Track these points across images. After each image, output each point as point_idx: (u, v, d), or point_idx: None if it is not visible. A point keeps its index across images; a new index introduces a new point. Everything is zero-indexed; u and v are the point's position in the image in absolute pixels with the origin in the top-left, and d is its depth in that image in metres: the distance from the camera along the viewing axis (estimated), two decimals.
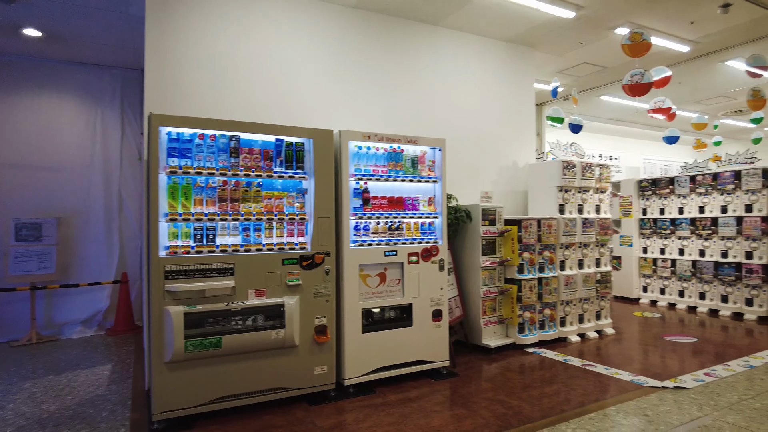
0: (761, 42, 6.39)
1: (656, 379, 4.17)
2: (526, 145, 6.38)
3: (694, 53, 6.89)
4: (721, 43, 6.61)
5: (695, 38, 6.36)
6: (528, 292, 5.20)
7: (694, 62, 7.24)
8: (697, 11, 5.54)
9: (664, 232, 7.75)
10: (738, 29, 6.11)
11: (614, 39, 6.24)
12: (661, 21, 5.82)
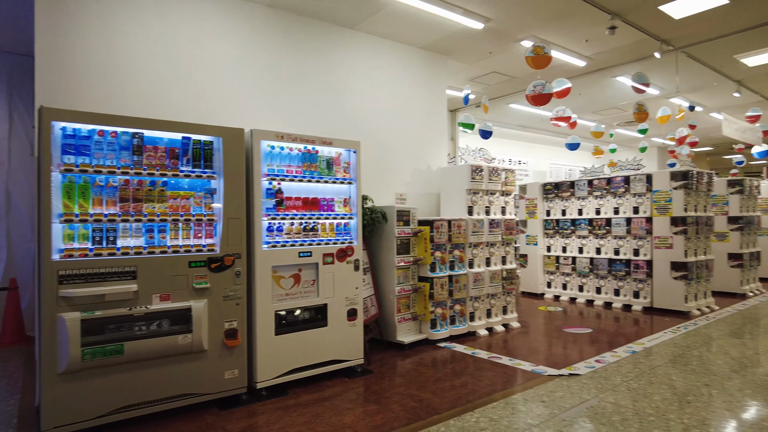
0: (644, 62, 7.13)
1: (554, 367, 4.51)
2: (439, 149, 6.64)
3: (589, 68, 7.53)
4: (611, 61, 7.29)
5: (590, 54, 6.96)
6: (440, 289, 5.42)
7: (589, 76, 7.92)
8: (590, 30, 6.07)
9: (566, 232, 8.38)
10: (624, 49, 6.77)
11: (520, 51, 6.68)
12: (561, 37, 6.32)
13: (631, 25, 5.91)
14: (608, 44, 6.56)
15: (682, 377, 4.17)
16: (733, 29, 6.22)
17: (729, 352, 4.94)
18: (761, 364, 4.54)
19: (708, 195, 7.43)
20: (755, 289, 8.75)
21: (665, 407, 3.51)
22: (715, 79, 8.32)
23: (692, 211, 7.00)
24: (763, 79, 8.49)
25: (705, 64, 7.55)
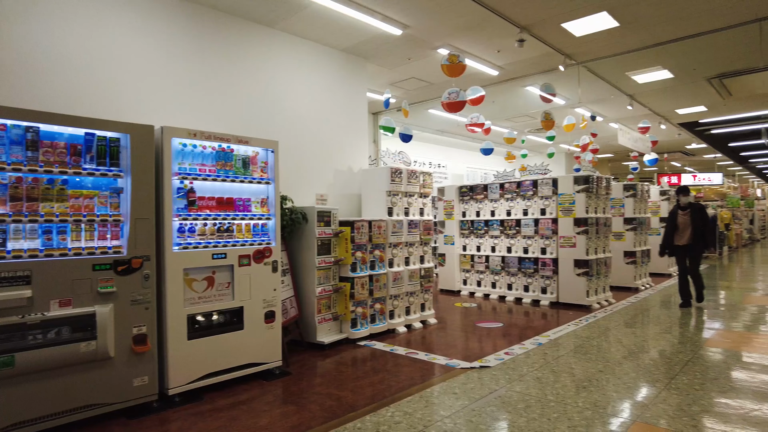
0: (551, 73, 7.68)
1: (467, 361, 4.74)
2: (360, 151, 6.74)
3: (501, 77, 7.98)
4: (521, 71, 7.78)
5: (502, 64, 7.39)
6: (360, 288, 5.50)
7: (502, 85, 8.39)
8: (502, 42, 6.45)
9: (480, 232, 8.81)
10: (533, 61, 7.26)
11: (438, 58, 6.94)
12: (475, 46, 6.65)
13: (538, 39, 6.36)
14: (518, 56, 7.00)
15: (581, 365, 4.55)
16: (624, 49, 6.88)
17: (622, 340, 5.45)
18: (648, 350, 5.06)
19: (607, 198, 8.13)
20: (646, 284, 9.69)
21: (564, 393, 3.82)
22: (612, 92, 9.14)
23: (593, 212, 7.63)
24: (650, 94, 9.45)
25: (603, 78, 8.27)
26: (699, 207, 7.15)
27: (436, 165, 13.16)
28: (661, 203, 11.64)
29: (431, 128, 12.05)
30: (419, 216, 6.46)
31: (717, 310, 7.18)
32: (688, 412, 3.42)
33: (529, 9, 5.50)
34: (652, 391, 3.83)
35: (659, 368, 4.40)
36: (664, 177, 18.20)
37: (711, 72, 8.09)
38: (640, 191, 10.00)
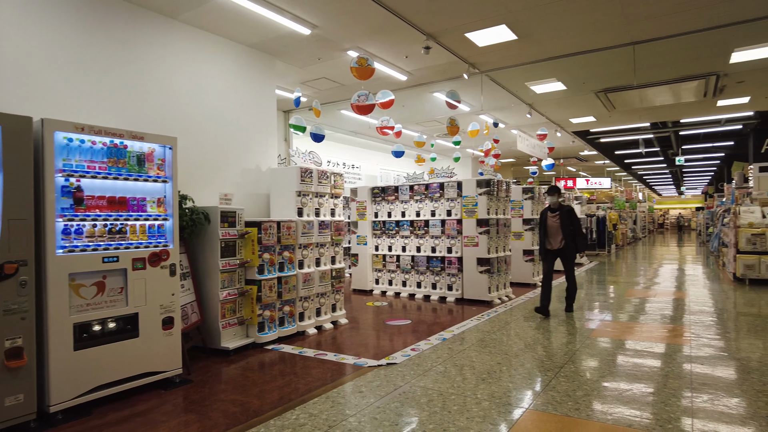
0: (456, 81, 8.01)
1: (374, 359, 4.81)
2: (269, 150, 6.59)
3: (410, 82, 8.20)
4: (429, 77, 8.05)
5: (410, 70, 7.59)
6: (268, 291, 5.38)
7: (411, 90, 8.62)
8: (409, 48, 6.63)
9: (391, 232, 8.98)
10: (439, 68, 7.54)
11: (347, 60, 6.97)
12: (383, 51, 6.77)
13: (443, 47, 6.61)
14: (425, 62, 7.23)
15: (482, 358, 4.79)
16: (522, 61, 7.37)
17: (520, 334, 5.81)
18: (543, 342, 5.44)
19: (507, 200, 8.65)
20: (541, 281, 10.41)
21: (465, 386, 4.00)
22: (513, 101, 9.73)
23: (494, 214, 8.07)
24: (547, 104, 10.19)
25: (504, 87, 8.79)
26: (568, 209, 6.79)
27: (350, 166, 13.21)
28: None
29: (344, 129, 12.08)
30: (330, 217, 6.45)
31: (605, 302, 7.90)
32: (573, 396, 3.73)
33: (435, 17, 5.70)
34: (544, 380, 4.13)
35: (551, 358, 4.76)
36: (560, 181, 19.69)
37: (598, 86, 8.90)
38: (538, 194, 10.75)
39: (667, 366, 4.45)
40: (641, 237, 28.92)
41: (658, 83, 8.54)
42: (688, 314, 6.74)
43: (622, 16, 5.79)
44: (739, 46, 6.87)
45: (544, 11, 5.61)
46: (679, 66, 7.74)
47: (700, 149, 18.79)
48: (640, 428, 3.15)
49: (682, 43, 6.68)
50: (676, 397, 3.67)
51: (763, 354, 4.77)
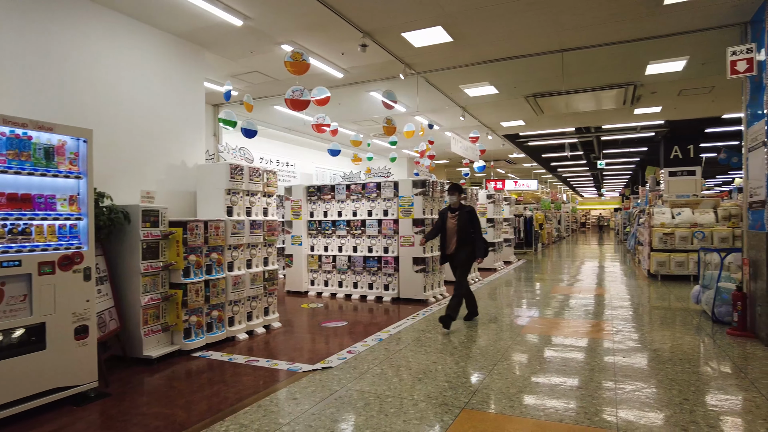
0: (393, 81, 8.00)
1: (309, 363, 4.67)
2: (196, 145, 6.24)
3: (346, 80, 8.09)
4: (365, 76, 7.98)
5: (347, 67, 7.49)
6: (194, 295, 5.08)
7: (348, 87, 8.51)
8: (346, 45, 6.52)
9: (327, 232, 8.83)
10: (376, 67, 7.49)
11: (281, 54, 6.75)
12: (319, 46, 6.62)
13: (380, 46, 6.57)
14: (362, 60, 7.15)
15: (417, 358, 4.78)
16: (456, 63, 7.48)
17: (454, 332, 5.87)
18: (477, 339, 5.53)
19: (441, 200, 8.76)
20: (476, 278, 10.67)
21: (401, 387, 3.96)
22: (447, 103, 9.88)
23: (429, 213, 8.14)
24: (479, 107, 10.44)
25: (439, 89, 8.89)
26: (469, 209, 6.18)
27: (284, 163, 12.89)
28: (488, 205, 12.96)
29: (278, 125, 11.75)
30: (263, 216, 6.21)
31: (533, 299, 8.20)
32: (507, 394, 3.79)
33: (372, 15, 5.64)
34: (478, 378, 4.18)
35: (485, 356, 4.83)
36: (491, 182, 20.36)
37: (527, 91, 9.22)
38: (470, 195, 11.01)
39: (593, 360, 4.65)
40: (565, 236, 30.55)
41: (583, 90, 9.00)
42: (608, 309, 7.13)
43: (552, 25, 6.01)
44: (654, 59, 7.36)
45: (479, 15, 5.70)
46: (602, 75, 8.18)
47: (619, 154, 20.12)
48: (570, 422, 3.25)
49: (605, 53, 7.06)
50: (602, 390, 3.83)
51: (673, 345, 5.12)
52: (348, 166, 15.37)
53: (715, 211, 10.13)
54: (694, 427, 3.13)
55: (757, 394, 3.72)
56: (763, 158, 5.19)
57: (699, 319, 6.33)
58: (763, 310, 5.16)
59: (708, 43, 6.63)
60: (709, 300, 6.34)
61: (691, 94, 9.40)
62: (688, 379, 4.04)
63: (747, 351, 4.88)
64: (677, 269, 9.93)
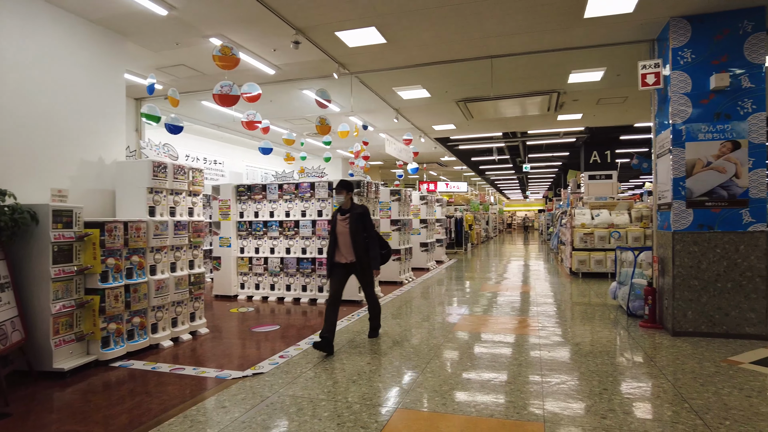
0: (327, 80, 7.91)
1: (239, 370, 4.49)
2: (115, 140, 5.82)
3: (278, 77, 7.90)
4: (298, 73, 7.83)
5: (279, 64, 7.30)
6: (113, 301, 4.74)
7: (279, 85, 8.31)
8: (278, 41, 6.36)
9: (258, 233, 8.58)
10: (309, 65, 7.37)
11: (209, 48, 6.47)
12: (250, 41, 6.41)
13: (313, 44, 6.46)
14: (295, 58, 7.01)
15: (351, 360, 4.74)
16: (389, 65, 7.52)
17: (388, 332, 5.89)
18: (410, 338, 5.57)
19: (376, 201, 8.78)
20: (409, 278, 10.81)
21: (335, 390, 3.90)
22: (381, 105, 9.92)
23: None
24: (413, 110, 10.58)
25: (373, 90, 8.91)
26: (361, 211, 5.35)
27: (211, 161, 12.38)
28: (421, 207, 13.18)
29: (206, 122, 11.27)
30: (188, 216, 5.91)
31: (463, 297, 8.41)
32: (440, 391, 3.84)
33: (305, 12, 5.53)
34: (412, 377, 4.21)
35: (418, 355, 4.88)
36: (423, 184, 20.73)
37: (458, 96, 9.46)
38: (404, 196, 11.14)
39: (520, 355, 4.83)
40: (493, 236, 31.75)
41: (510, 96, 9.36)
42: (534, 306, 7.46)
43: (479, 31, 6.19)
44: (576, 68, 7.80)
45: (410, 18, 5.76)
46: (528, 82, 8.55)
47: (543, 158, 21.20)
48: (500, 417, 3.34)
49: (531, 61, 7.38)
50: (529, 384, 3.98)
51: (593, 338, 5.44)
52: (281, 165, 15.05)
53: (630, 213, 10.91)
54: (611, 415, 3.33)
55: (664, 380, 4.02)
56: (668, 164, 5.64)
57: (616, 314, 6.78)
58: (669, 303, 5.61)
59: (623, 56, 7.11)
60: (624, 295, 6.80)
61: (608, 103, 10.06)
62: (607, 370, 4.30)
63: (656, 341, 5.28)
64: (596, 267, 10.59)
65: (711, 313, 5.41)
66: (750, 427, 3.12)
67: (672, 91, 5.61)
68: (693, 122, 5.51)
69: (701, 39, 5.53)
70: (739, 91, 5.40)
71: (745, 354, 4.76)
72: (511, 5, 5.43)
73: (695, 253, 5.46)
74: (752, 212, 5.33)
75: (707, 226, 5.44)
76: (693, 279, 5.46)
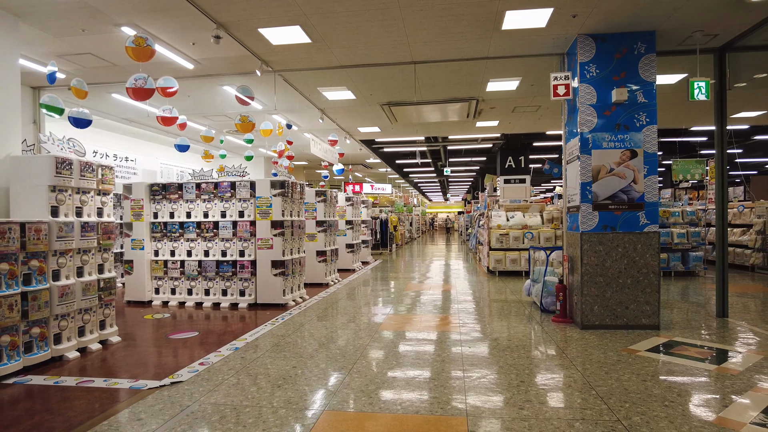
0: (249, 76, 7.68)
1: (156, 379, 4.23)
2: (9, 133, 5.27)
3: (198, 71, 7.56)
4: (219, 69, 7.54)
5: (198, 58, 6.99)
6: (7, 311, 4.28)
7: (199, 80, 7.96)
8: (198, 35, 6.09)
9: (174, 235, 8.14)
10: (231, 60, 7.12)
11: (122, 37, 6.06)
12: (167, 33, 6.07)
13: (235, 39, 6.25)
14: (216, 52, 6.74)
15: (276, 364, 4.64)
16: (314, 65, 7.45)
17: (314, 334, 5.83)
18: (336, 340, 5.55)
19: (301, 202, 8.66)
20: (335, 279, 10.77)
21: (260, 395, 3.80)
22: (306, 104, 9.80)
23: (288, 215, 7.99)
24: (338, 111, 10.56)
25: (297, 89, 8.78)
26: None
27: (122, 158, 11.58)
28: (347, 208, 13.18)
29: (117, 115, 10.51)
30: (97, 217, 5.48)
31: (388, 297, 8.52)
32: (366, 391, 3.87)
33: (227, 6, 5.34)
34: (338, 379, 4.19)
35: (344, 356, 4.88)
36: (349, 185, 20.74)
37: (383, 99, 9.57)
38: (330, 197, 11.08)
39: (443, 352, 4.98)
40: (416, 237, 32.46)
41: (432, 102, 9.63)
42: (455, 304, 7.72)
43: (403, 37, 6.31)
44: (493, 77, 8.18)
45: (336, 20, 5.75)
46: (449, 88, 8.84)
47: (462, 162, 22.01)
48: (425, 413, 3.42)
49: (452, 68, 7.64)
50: (452, 379, 4.12)
51: (510, 333, 5.73)
52: (196, 163, 14.41)
53: (542, 215, 11.62)
54: (528, 405, 3.53)
55: (574, 370, 4.33)
56: (577, 170, 6.08)
57: (530, 310, 7.19)
58: (578, 299, 6.04)
59: (536, 67, 7.57)
60: (537, 292, 7.23)
61: (523, 111, 10.65)
62: (523, 363, 4.55)
63: (567, 334, 5.67)
64: (512, 266, 11.16)
65: (614, 307, 5.90)
66: (645, 408, 3.45)
67: (580, 102, 6.05)
68: (598, 131, 5.99)
69: (604, 56, 6.03)
70: (636, 105, 5.95)
71: (641, 343, 5.24)
72: (434, 13, 5.59)
73: (600, 252, 5.93)
74: (647, 215, 5.88)
75: (611, 227, 5.92)
76: (599, 276, 5.92)
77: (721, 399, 3.63)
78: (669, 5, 5.36)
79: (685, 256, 10.81)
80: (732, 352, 4.85)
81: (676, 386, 3.89)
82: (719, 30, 6.05)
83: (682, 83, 8.30)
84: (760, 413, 3.35)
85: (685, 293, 8.65)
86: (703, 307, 7.22)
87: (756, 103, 10.07)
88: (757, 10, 5.49)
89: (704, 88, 6.12)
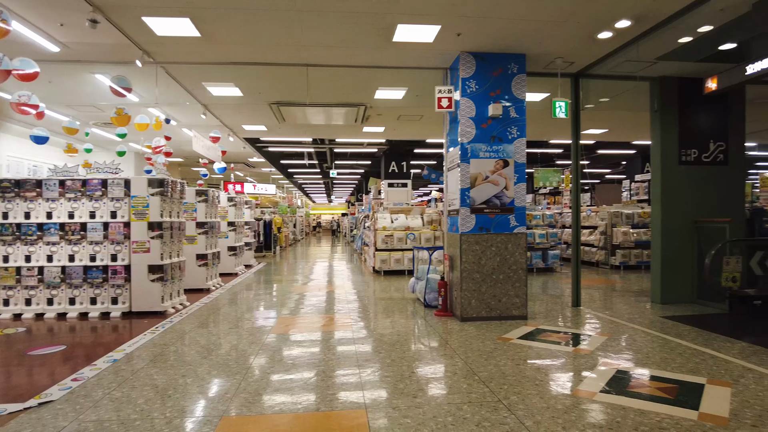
0: (127, 66, 7.08)
1: (18, 401, 3.77)
2: None
3: (65, 56, 6.80)
4: (92, 55, 6.86)
5: (66, 42, 6.30)
6: None
7: (65, 65, 7.16)
8: (68, 16, 5.50)
9: (31, 238, 7.22)
10: (107, 47, 6.53)
11: None
12: (29, 10, 5.41)
13: (114, 26, 5.76)
14: (89, 37, 6.13)
15: (163, 374, 4.39)
16: (202, 60, 7.13)
17: (199, 341, 5.59)
18: (222, 345, 5.38)
19: (181, 202, 8.19)
20: (217, 284, 10.32)
21: (149, 407, 3.59)
22: (188, 99, 9.28)
23: (168, 216, 7.52)
24: (222, 107, 10.16)
25: (180, 83, 8.30)
26: None
27: None
28: (229, 209, 12.70)
29: None
30: None
31: (276, 300, 8.41)
32: (264, 394, 3.85)
33: None
34: (233, 384, 4.11)
35: (237, 361, 4.77)
36: (230, 185, 19.93)
37: (272, 98, 9.42)
38: (211, 197, 10.61)
39: (336, 350, 5.11)
40: (300, 239, 32.15)
41: (322, 105, 9.72)
42: (344, 303, 7.89)
43: (297, 38, 6.33)
44: (382, 85, 8.52)
45: (231, 17, 5.59)
46: (340, 93, 9.00)
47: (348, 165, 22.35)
48: (326, 409, 3.52)
49: (344, 73, 7.81)
50: (348, 375, 4.26)
51: (397, 329, 6.05)
52: (55, 157, 12.87)
53: (422, 217, 12.30)
54: (421, 393, 3.80)
55: (458, 359, 4.73)
56: (457, 177, 6.61)
57: (414, 306, 7.62)
58: (458, 294, 6.56)
59: (422, 79, 8.05)
60: (421, 289, 7.69)
61: (407, 119, 11.20)
62: (412, 356, 4.85)
63: (449, 327, 6.14)
64: (396, 265, 11.66)
65: (489, 300, 6.52)
66: (520, 388, 3.92)
67: (461, 115, 6.59)
68: (476, 142, 6.57)
69: (483, 73, 6.64)
70: (509, 120, 6.64)
71: (513, 332, 5.87)
72: (331, 19, 5.70)
73: (477, 251, 6.50)
74: (517, 217, 6.59)
75: (486, 228, 6.53)
76: (476, 273, 6.49)
77: (577, 375, 4.24)
78: (537, 34, 6.09)
79: (545, 254, 12.21)
80: (584, 336, 5.65)
81: (543, 367, 4.46)
82: (575, 58, 7.00)
83: (546, 102, 9.40)
84: (605, 384, 3.99)
85: (545, 287, 9.78)
86: (560, 299, 8.26)
87: (600, 122, 11.75)
88: (604, 45, 6.47)
89: (564, 107, 7.04)
